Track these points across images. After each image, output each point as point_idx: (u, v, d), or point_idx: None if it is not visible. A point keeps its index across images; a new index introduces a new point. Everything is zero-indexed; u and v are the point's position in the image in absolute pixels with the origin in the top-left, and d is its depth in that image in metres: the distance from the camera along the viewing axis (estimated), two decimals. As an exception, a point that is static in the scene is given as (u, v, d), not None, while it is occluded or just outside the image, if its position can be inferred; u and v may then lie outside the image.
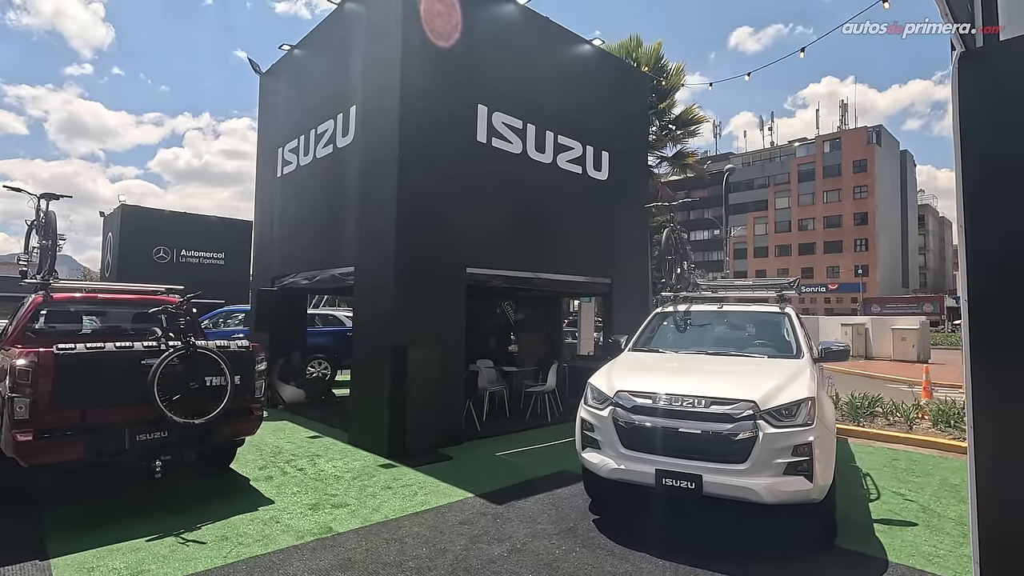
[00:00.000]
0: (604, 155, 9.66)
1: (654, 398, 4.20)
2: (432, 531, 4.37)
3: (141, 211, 22.72)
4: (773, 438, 3.82)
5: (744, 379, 4.36)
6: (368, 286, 7.29)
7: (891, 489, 5.61)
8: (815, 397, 3.99)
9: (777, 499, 3.76)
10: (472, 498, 5.18)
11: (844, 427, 8.25)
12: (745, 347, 5.35)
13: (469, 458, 6.58)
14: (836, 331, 26.34)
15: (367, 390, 7.17)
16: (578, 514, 4.79)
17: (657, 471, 4.05)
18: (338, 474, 5.88)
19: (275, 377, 10.15)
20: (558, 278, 8.92)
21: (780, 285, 5.99)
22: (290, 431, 8.01)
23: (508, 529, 4.43)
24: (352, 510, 4.81)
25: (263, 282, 10.24)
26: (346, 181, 7.88)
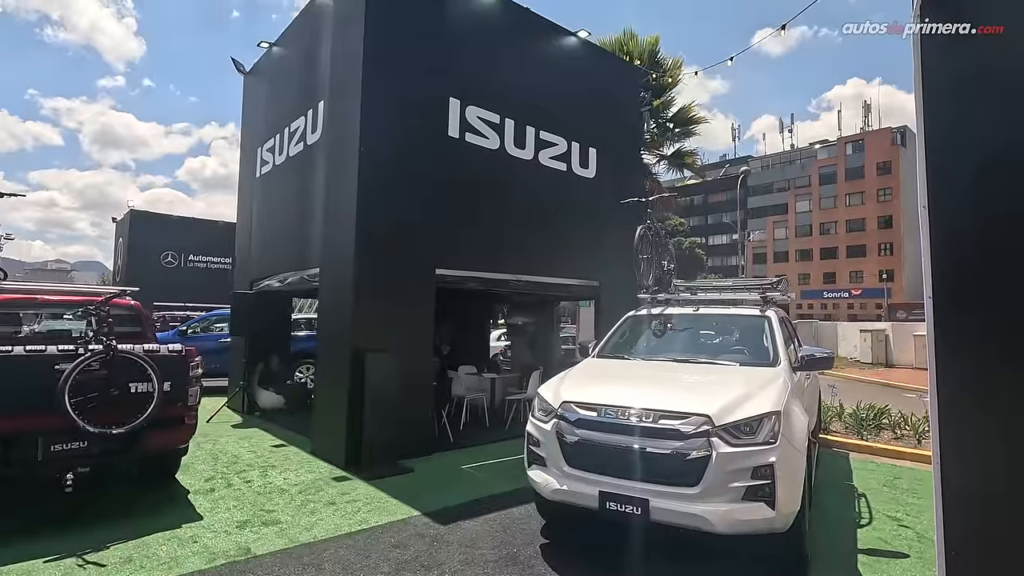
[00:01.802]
0: (591, 152, 9.21)
1: (599, 411, 3.75)
2: (358, 555, 3.97)
3: (149, 216, 22.94)
4: (728, 458, 3.33)
5: (702, 390, 3.89)
6: (330, 288, 6.96)
7: (886, 513, 5.04)
8: (780, 411, 3.50)
9: (733, 529, 3.28)
10: (416, 517, 4.76)
11: (845, 441, 7.64)
12: (720, 353, 4.86)
13: (431, 471, 6.17)
14: (855, 338, 25.34)
15: (327, 398, 6.82)
16: (526, 538, 4.34)
17: (601, 493, 3.59)
18: (285, 487, 5.52)
19: (254, 382, 9.90)
20: (541, 280, 8.49)
21: (763, 286, 5.47)
22: (257, 439, 7.70)
23: (442, 554, 4.00)
24: (281, 529, 4.43)
25: (242, 285, 10.00)
26: (314, 179, 7.58)
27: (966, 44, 1.66)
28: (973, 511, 1.83)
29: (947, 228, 1.82)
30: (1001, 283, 1.73)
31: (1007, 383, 1.72)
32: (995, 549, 1.83)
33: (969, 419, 1.81)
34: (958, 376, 1.81)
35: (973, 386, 1.80)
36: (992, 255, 1.72)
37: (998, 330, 1.74)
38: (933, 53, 1.71)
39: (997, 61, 1.65)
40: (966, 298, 1.82)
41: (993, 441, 1.77)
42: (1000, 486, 1.76)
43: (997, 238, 1.71)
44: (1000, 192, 1.71)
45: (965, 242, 1.80)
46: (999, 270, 1.71)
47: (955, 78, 1.74)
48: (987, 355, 1.79)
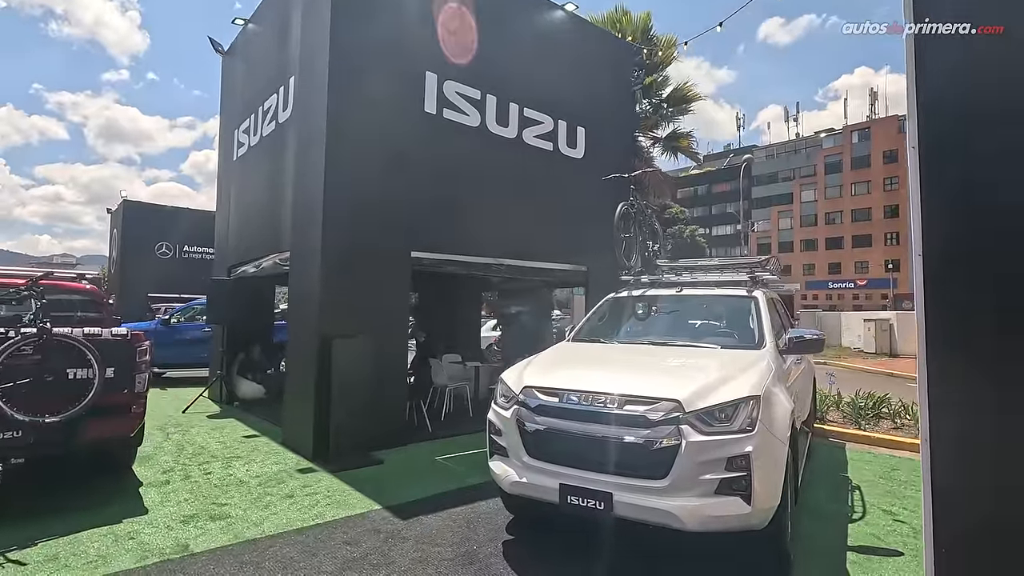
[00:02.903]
0: (579, 131, 8.83)
1: (561, 396, 3.42)
2: (304, 552, 3.67)
3: (143, 207, 22.69)
4: (700, 448, 3.00)
5: (675, 373, 3.55)
6: (299, 272, 6.64)
7: (881, 506, 4.71)
8: (759, 396, 3.16)
9: (704, 526, 2.96)
10: (376, 511, 4.47)
11: (842, 431, 7.30)
12: (702, 336, 4.52)
13: (402, 463, 5.88)
14: (859, 327, 24.89)
15: (296, 387, 6.53)
16: (489, 534, 4.03)
17: (562, 487, 3.27)
18: (246, 480, 5.24)
19: (233, 372, 9.63)
20: (525, 265, 8.15)
21: (751, 265, 5.11)
22: (230, 429, 7.42)
23: (395, 552, 3.70)
24: (228, 524, 4.14)
25: (220, 272, 9.71)
26: (285, 159, 7.24)
27: (961, 43, 1.60)
28: (964, 507, 1.73)
29: (939, 221, 1.71)
30: (991, 279, 1.65)
31: (998, 376, 1.63)
32: (986, 546, 1.73)
33: (960, 414, 1.72)
34: (948, 369, 1.72)
35: (964, 380, 1.70)
36: (984, 251, 1.65)
37: (989, 323, 1.66)
38: (927, 52, 1.66)
39: (993, 60, 1.58)
40: (956, 292, 1.72)
41: (984, 435, 1.69)
42: (990, 480, 1.68)
43: (988, 231, 1.64)
44: (989, 184, 1.64)
45: (957, 237, 1.71)
46: (990, 264, 1.64)
47: (950, 77, 1.67)
48: (978, 348, 1.69)
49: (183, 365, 11.92)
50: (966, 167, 1.63)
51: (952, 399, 1.70)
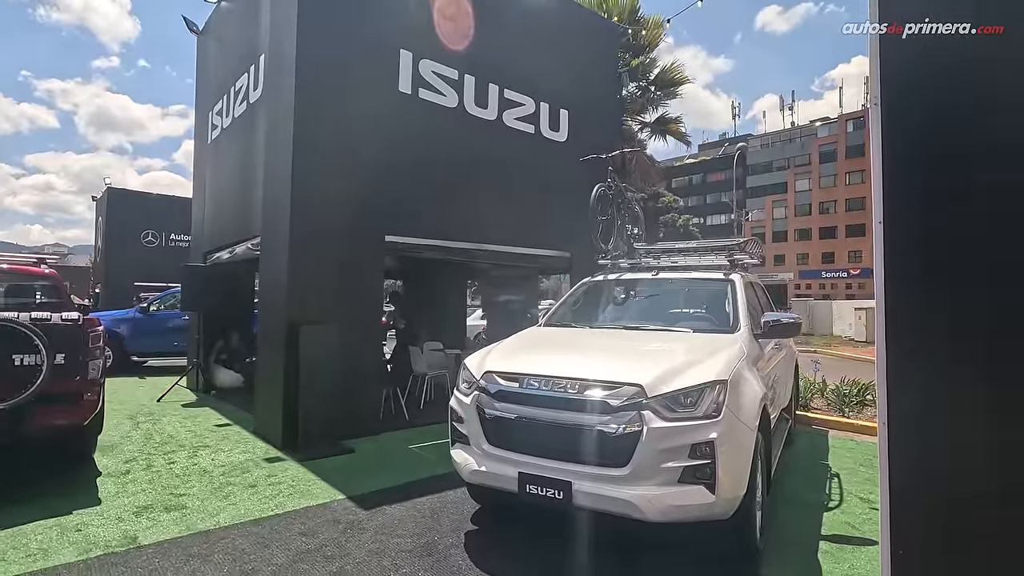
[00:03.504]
0: (563, 114, 8.62)
1: (521, 381, 3.27)
2: (256, 544, 3.53)
3: (128, 194, 22.30)
4: (662, 434, 2.86)
5: (640, 357, 3.40)
6: (269, 257, 6.45)
7: (859, 494, 4.60)
8: (727, 381, 3.01)
9: (665, 516, 2.82)
10: (339, 501, 4.32)
11: (826, 418, 7.20)
12: (677, 320, 4.36)
13: (374, 451, 5.73)
14: (850, 316, 24.90)
15: (266, 375, 6.36)
16: (453, 524, 3.90)
17: (520, 475, 3.13)
18: (210, 469, 5.09)
19: (210, 360, 9.45)
20: (506, 251, 7.97)
21: (730, 248, 4.96)
22: (203, 418, 7.26)
23: (352, 543, 3.56)
24: (183, 515, 3.99)
25: (197, 259, 9.49)
26: (256, 140, 7.02)
27: (928, 43, 1.55)
28: (922, 508, 1.65)
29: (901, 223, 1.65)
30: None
31: (962, 379, 1.58)
32: (945, 549, 1.64)
33: (921, 421, 1.66)
34: (909, 366, 1.65)
35: (925, 381, 1.64)
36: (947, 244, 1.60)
37: (945, 329, 1.60)
38: (893, 54, 1.60)
39: (964, 60, 1.53)
40: (914, 291, 1.65)
41: (940, 434, 1.62)
42: (951, 486, 1.61)
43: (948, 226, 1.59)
44: (953, 186, 1.58)
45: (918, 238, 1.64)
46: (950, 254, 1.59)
47: (917, 78, 1.62)
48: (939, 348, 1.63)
49: (163, 354, 11.74)
50: (930, 166, 1.60)
51: (914, 404, 1.64)
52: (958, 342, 1.54)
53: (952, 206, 1.56)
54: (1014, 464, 1.51)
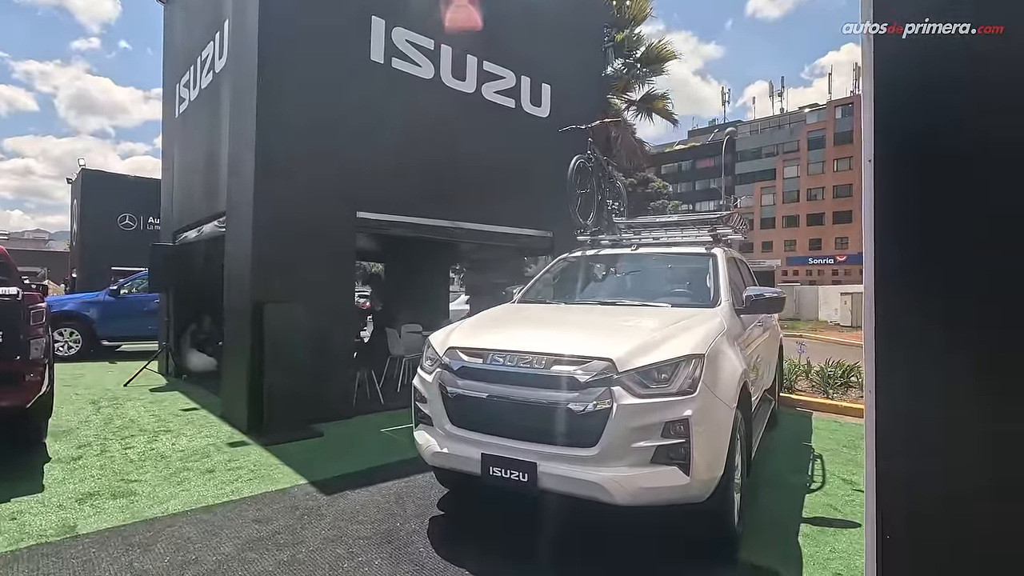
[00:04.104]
0: (544, 88, 8.33)
1: (485, 357, 3.05)
2: (204, 533, 3.30)
3: (103, 176, 21.61)
4: (633, 412, 2.66)
5: (612, 331, 3.19)
6: (233, 234, 6.15)
7: (841, 476, 4.47)
8: (703, 355, 2.81)
9: (636, 499, 2.63)
10: (301, 486, 4.11)
11: (810, 400, 7.09)
12: (655, 295, 4.15)
13: (344, 435, 5.52)
14: (836, 301, 24.99)
15: (231, 356, 6.10)
16: (418, 509, 3.70)
17: (483, 456, 2.92)
18: (168, 454, 4.84)
19: (183, 343, 9.15)
20: (485, 229, 7.71)
21: (713, 221, 4.75)
22: (170, 402, 6.99)
23: (308, 531, 3.35)
24: (131, 502, 3.75)
25: (166, 238, 9.15)
26: (222, 112, 6.68)
27: (922, 42, 1.51)
28: (911, 492, 1.60)
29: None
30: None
31: (953, 368, 1.53)
32: (936, 536, 1.55)
33: (910, 406, 1.62)
34: (897, 355, 1.61)
35: (915, 369, 1.60)
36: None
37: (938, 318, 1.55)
38: (887, 52, 1.55)
39: (960, 59, 1.49)
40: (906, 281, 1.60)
41: (935, 422, 1.56)
42: (942, 475, 1.54)
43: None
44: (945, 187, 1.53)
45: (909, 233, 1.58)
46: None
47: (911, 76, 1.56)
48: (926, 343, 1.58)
49: (136, 338, 11.37)
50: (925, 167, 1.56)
51: (899, 390, 1.61)
52: (949, 332, 1.52)
53: (942, 202, 1.53)
54: (1004, 448, 1.45)
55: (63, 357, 10.52)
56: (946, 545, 1.47)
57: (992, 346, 1.44)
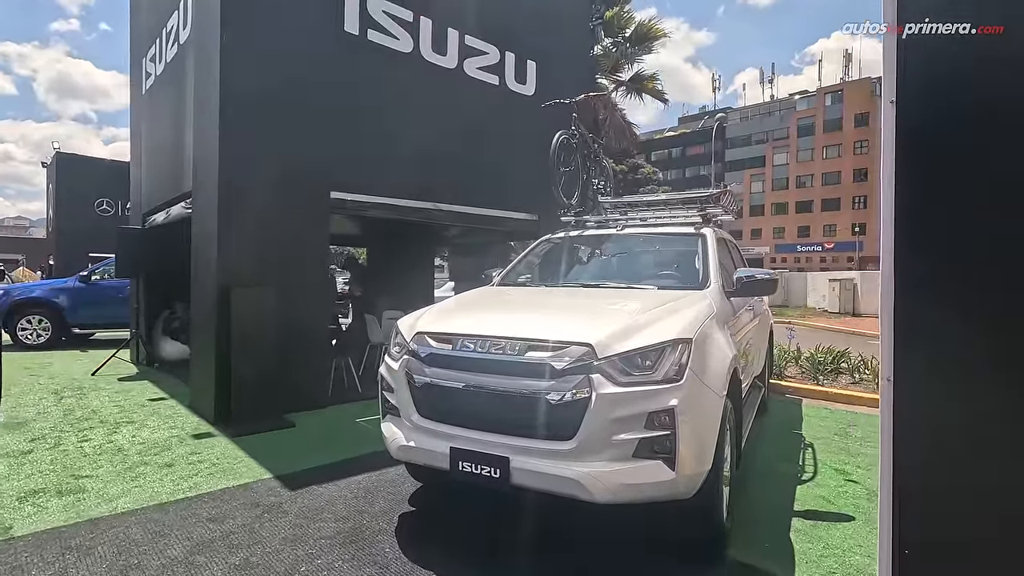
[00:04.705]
0: (529, 65, 8.01)
1: (454, 342, 2.80)
2: (152, 534, 3.05)
3: (78, 160, 20.93)
4: (614, 401, 2.43)
5: (593, 314, 2.96)
6: (199, 216, 5.82)
7: (834, 465, 4.29)
8: (691, 340, 2.58)
9: (616, 496, 2.41)
10: (265, 480, 3.86)
11: (800, 387, 6.93)
12: (641, 277, 3.92)
13: (317, 425, 5.27)
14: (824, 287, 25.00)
15: (198, 343, 5.81)
16: (388, 505, 3.47)
17: (452, 450, 2.69)
18: (127, 447, 4.57)
19: (156, 331, 8.81)
20: (467, 211, 7.42)
21: (702, 200, 4.51)
22: (137, 392, 6.69)
23: (266, 530, 3.10)
24: (77, 500, 3.48)
25: (136, 221, 8.77)
26: (187, 86, 6.31)
27: (945, 42, 1.49)
28: (933, 501, 1.39)
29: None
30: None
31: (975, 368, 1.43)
32: (958, 551, 1.38)
33: (931, 407, 1.45)
34: (918, 360, 1.48)
35: (936, 368, 1.47)
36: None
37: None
38: (911, 52, 1.53)
39: (980, 59, 1.46)
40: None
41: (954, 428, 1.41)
42: (968, 477, 1.38)
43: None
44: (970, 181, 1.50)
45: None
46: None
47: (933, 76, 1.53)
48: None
49: (108, 326, 11.00)
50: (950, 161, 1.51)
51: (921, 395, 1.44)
52: (969, 333, 1.45)
53: (967, 203, 1.51)
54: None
55: (32, 345, 10.17)
56: (973, 559, 1.25)
57: (1017, 351, 1.36)
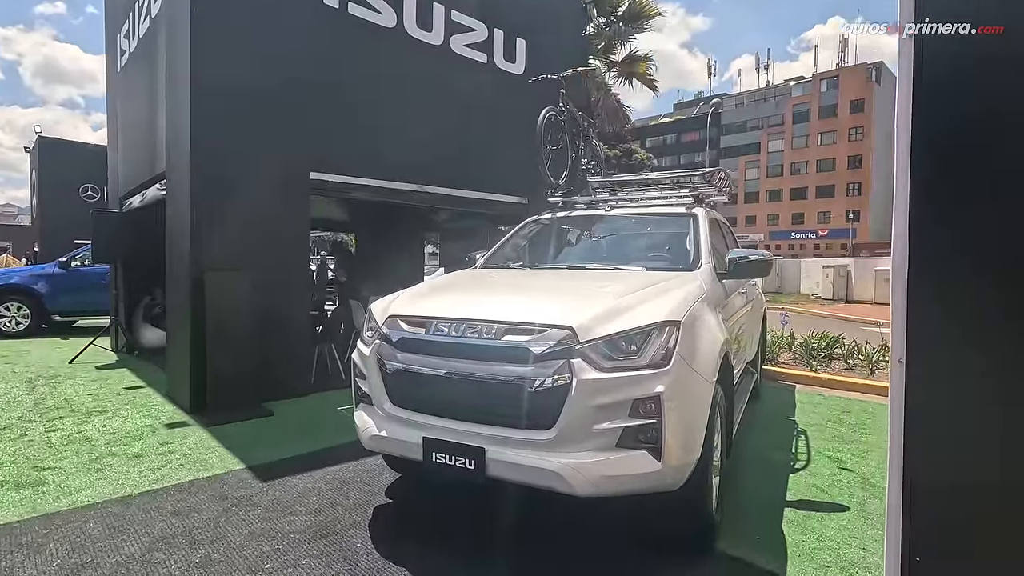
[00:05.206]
0: (519, 43, 7.76)
1: (428, 326, 2.63)
2: (111, 528, 2.88)
3: (61, 144, 20.42)
4: (596, 388, 2.27)
5: (576, 296, 2.79)
6: (173, 197, 5.59)
7: (827, 453, 4.17)
8: (679, 322, 2.42)
9: (599, 489, 2.25)
10: (237, 472, 3.69)
11: (793, 373, 6.82)
12: (630, 259, 3.75)
13: (297, 414, 5.10)
14: (818, 274, 24.97)
15: (174, 330, 5.61)
16: (363, 497, 3.31)
17: (425, 441, 2.52)
18: (96, 437, 4.38)
19: (136, 317, 8.58)
20: (454, 194, 7.21)
21: (694, 179, 4.32)
22: (114, 380, 6.49)
23: (232, 524, 2.94)
24: (36, 493, 3.31)
25: (113, 205, 8.51)
26: (158, 61, 6.03)
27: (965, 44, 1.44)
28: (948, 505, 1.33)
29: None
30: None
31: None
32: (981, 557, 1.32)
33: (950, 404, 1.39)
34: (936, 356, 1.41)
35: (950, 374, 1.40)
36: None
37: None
38: (931, 52, 1.47)
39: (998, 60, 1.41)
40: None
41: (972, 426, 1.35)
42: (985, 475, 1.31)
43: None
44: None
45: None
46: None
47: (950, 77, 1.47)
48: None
49: (90, 313, 10.75)
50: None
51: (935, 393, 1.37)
52: (985, 332, 1.40)
53: (983, 203, 1.48)
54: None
55: (10, 333, 9.93)
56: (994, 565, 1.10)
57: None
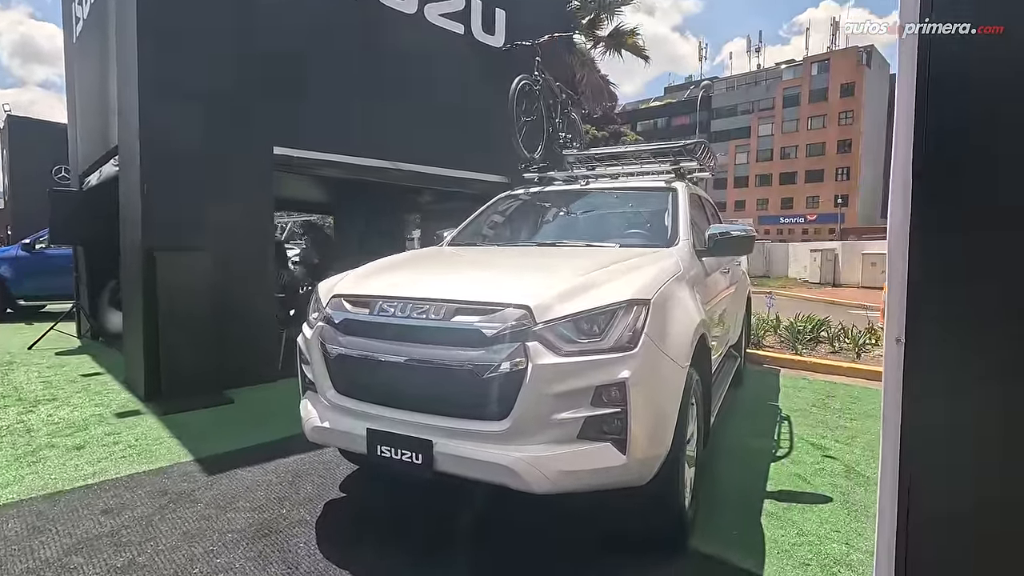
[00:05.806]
0: (498, 14, 7.41)
1: (373, 306, 2.37)
2: (31, 529, 2.63)
3: (31, 123, 19.67)
4: (554, 373, 2.03)
5: (536, 273, 2.55)
6: (125, 173, 5.26)
7: (810, 439, 3.99)
8: (648, 301, 2.19)
9: (557, 486, 2.03)
10: (183, 464, 3.45)
11: (778, 356, 6.65)
12: (605, 235, 3.50)
13: (258, 402, 4.85)
14: (806, 258, 24.94)
15: (128, 314, 5.32)
16: (314, 492, 3.08)
17: (369, 432, 2.28)
18: (39, 427, 4.11)
19: (101, 302, 8.24)
20: (431, 172, 6.90)
21: (675, 152, 4.07)
22: (72, 367, 6.19)
23: (167, 523, 2.70)
24: (-44, 490, 3.05)
25: (75, 183, 8.11)
26: (109, 29, 5.65)
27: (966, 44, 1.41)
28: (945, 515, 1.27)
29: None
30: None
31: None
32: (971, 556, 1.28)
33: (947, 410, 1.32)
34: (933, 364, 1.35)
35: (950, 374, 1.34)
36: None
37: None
38: (934, 53, 1.44)
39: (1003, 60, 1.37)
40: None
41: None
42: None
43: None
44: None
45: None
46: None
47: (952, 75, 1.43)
48: None
49: (57, 297, 10.35)
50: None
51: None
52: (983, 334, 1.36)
53: (983, 203, 1.44)
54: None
55: (-28, 318, 9.56)
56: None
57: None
